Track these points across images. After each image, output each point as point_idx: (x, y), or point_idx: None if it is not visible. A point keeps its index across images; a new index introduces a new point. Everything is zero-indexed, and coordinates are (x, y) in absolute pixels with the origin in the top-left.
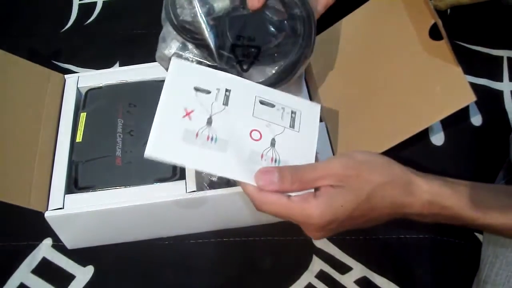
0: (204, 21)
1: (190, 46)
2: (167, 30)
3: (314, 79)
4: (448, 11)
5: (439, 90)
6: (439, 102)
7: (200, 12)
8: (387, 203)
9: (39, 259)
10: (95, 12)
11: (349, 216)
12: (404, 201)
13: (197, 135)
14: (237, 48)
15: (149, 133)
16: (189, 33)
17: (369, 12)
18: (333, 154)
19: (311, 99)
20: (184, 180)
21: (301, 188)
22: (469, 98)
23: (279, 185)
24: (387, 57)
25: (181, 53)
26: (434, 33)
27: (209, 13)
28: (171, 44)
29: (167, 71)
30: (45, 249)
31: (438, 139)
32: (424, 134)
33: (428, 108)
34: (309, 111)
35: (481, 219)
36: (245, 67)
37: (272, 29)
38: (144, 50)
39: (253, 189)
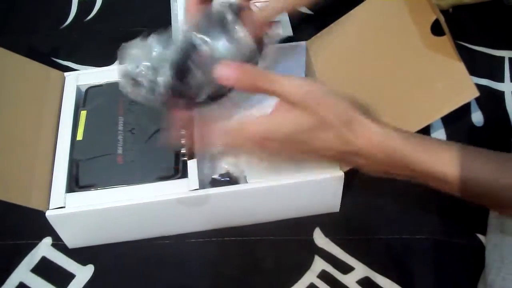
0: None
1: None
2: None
3: (315, 75)
4: (450, 10)
5: (441, 86)
6: (442, 98)
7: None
8: (331, 138)
9: (38, 258)
10: (95, 9)
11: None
12: (349, 138)
13: None
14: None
15: (150, 131)
16: None
17: (370, 9)
18: None
19: None
20: (186, 178)
21: (254, 89)
22: (472, 93)
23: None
24: (388, 53)
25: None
26: (436, 29)
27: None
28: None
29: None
30: (44, 248)
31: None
32: (425, 134)
33: (430, 105)
34: None
35: (429, 162)
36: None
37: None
38: None
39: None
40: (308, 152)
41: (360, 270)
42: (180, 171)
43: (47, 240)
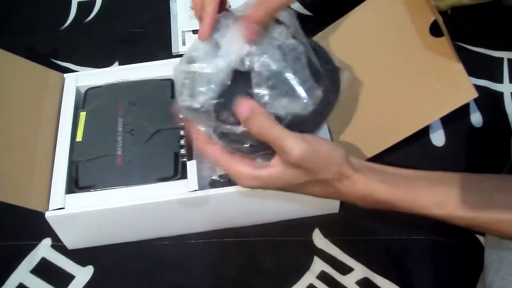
0: None
1: None
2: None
3: None
4: (449, 11)
5: (440, 87)
6: (440, 99)
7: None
8: (320, 189)
9: (38, 259)
10: (94, 10)
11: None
12: (337, 189)
13: None
14: None
15: (149, 132)
16: None
17: (370, 10)
18: None
19: None
20: (185, 179)
21: (257, 136)
22: (471, 94)
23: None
24: (387, 54)
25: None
26: (435, 30)
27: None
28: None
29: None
30: (44, 249)
31: (438, 140)
32: (425, 136)
33: (429, 105)
34: None
35: (416, 209)
36: None
37: None
38: (143, 49)
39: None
40: (301, 194)
41: (359, 270)
42: (179, 172)
43: (47, 241)
